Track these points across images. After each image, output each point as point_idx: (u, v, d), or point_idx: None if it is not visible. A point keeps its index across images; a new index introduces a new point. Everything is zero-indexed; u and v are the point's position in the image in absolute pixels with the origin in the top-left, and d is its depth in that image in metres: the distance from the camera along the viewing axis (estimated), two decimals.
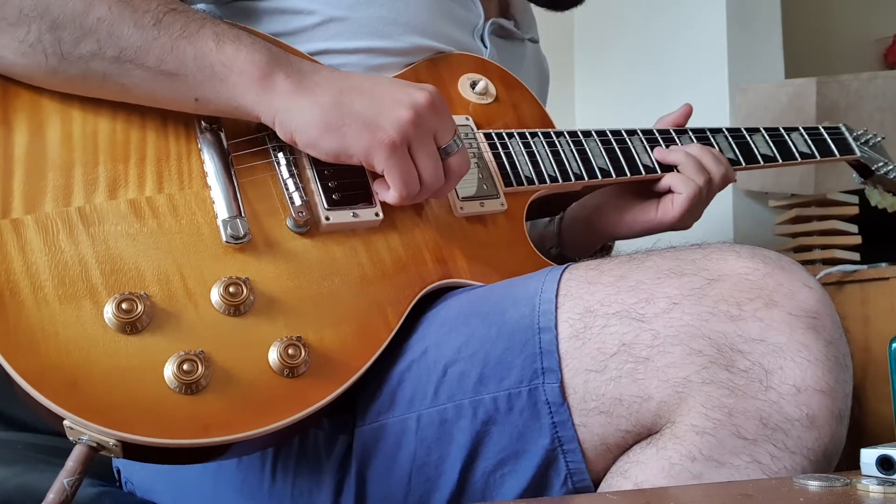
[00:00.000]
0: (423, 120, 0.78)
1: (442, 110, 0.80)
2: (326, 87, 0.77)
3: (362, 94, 0.78)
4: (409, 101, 0.77)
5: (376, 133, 0.76)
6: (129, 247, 0.72)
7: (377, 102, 0.77)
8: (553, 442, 0.71)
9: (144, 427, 0.63)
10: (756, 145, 1.11)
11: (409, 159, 0.78)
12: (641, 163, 1.02)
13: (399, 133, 0.76)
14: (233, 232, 0.74)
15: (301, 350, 0.70)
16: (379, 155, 0.76)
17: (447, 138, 0.80)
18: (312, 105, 0.76)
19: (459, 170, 0.82)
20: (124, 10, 0.74)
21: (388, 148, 0.76)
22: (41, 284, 0.67)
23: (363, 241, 0.81)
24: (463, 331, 0.76)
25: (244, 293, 0.71)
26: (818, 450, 0.65)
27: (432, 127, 0.79)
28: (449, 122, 0.81)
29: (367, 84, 0.79)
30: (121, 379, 0.65)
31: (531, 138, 0.97)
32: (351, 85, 0.79)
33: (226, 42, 0.76)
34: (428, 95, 0.79)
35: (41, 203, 0.71)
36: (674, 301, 0.68)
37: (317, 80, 0.78)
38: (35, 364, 0.64)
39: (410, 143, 0.78)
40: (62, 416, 0.63)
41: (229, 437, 0.65)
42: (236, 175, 0.79)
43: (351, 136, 0.76)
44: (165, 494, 0.91)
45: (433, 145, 0.79)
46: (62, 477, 0.61)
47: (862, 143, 1.24)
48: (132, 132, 0.78)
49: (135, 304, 0.67)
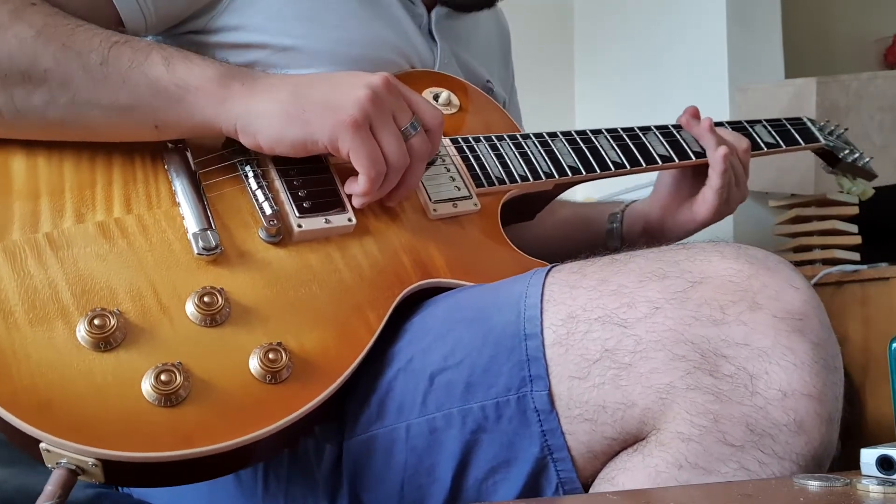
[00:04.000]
0: (381, 99, 0.78)
1: (397, 92, 0.81)
2: (281, 86, 0.79)
3: (318, 84, 0.79)
4: (366, 83, 0.78)
5: (338, 114, 0.77)
6: (99, 267, 0.71)
7: (334, 87, 0.79)
8: (543, 450, 0.71)
9: (123, 442, 0.62)
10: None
11: (372, 139, 0.78)
12: (610, 159, 1.03)
13: (360, 111, 0.77)
14: (204, 244, 0.74)
15: (282, 354, 0.69)
16: (344, 135, 0.77)
17: (406, 119, 0.81)
18: (271, 101, 0.78)
19: (421, 150, 0.82)
20: (69, 56, 0.75)
21: (351, 126, 0.77)
22: (11, 310, 0.67)
23: (338, 247, 0.81)
24: (448, 338, 0.76)
25: (220, 302, 0.71)
26: (808, 455, 0.64)
27: (390, 107, 0.80)
28: (404, 104, 0.81)
29: (321, 76, 0.81)
30: (97, 396, 0.64)
31: (498, 142, 0.99)
32: (305, 80, 0.80)
33: (176, 63, 0.77)
34: (383, 77, 0.80)
35: (8, 231, 0.71)
36: (656, 305, 0.67)
37: (272, 82, 0.79)
38: (8, 388, 0.63)
39: (372, 122, 0.78)
40: (38, 439, 0.61)
41: (213, 447, 0.64)
42: (205, 191, 0.79)
43: (314, 122, 0.77)
44: (162, 498, 0.91)
45: (394, 125, 0.80)
46: (42, 501, 0.60)
47: (827, 134, 1.26)
48: (98, 158, 0.79)
49: (107, 320, 0.67)
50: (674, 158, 1.08)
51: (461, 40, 1.11)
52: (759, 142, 1.16)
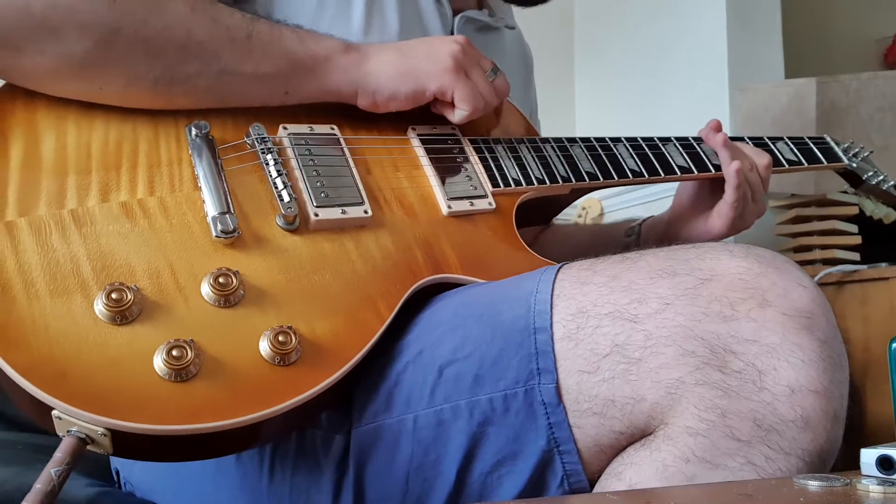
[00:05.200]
0: (467, 51, 0.94)
1: (474, 47, 0.96)
2: (383, 53, 0.92)
3: (414, 47, 0.93)
4: (451, 42, 0.93)
5: (441, 64, 0.91)
6: (120, 245, 0.73)
7: (429, 47, 0.93)
8: (549, 443, 0.71)
9: (133, 414, 0.63)
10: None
11: (469, 80, 0.93)
12: (628, 168, 1.03)
13: (456, 60, 0.92)
14: (223, 227, 0.75)
15: (292, 337, 0.70)
16: (448, 79, 0.91)
17: (488, 65, 0.96)
18: (383, 63, 0.91)
19: (504, 88, 0.97)
20: (220, 30, 0.84)
21: (453, 71, 0.91)
22: (33, 281, 0.68)
23: (353, 238, 0.82)
24: (458, 331, 0.76)
25: (234, 283, 0.72)
26: (813, 451, 0.64)
27: (476, 56, 0.95)
28: (483, 55, 0.96)
29: (414, 41, 0.95)
30: (111, 368, 0.65)
31: (517, 144, 1.00)
32: (404, 45, 0.94)
33: (306, 38, 0.89)
34: (461, 37, 0.95)
35: (35, 207, 0.74)
36: (666, 301, 0.68)
37: (374, 51, 0.92)
38: (26, 357, 0.64)
39: (465, 68, 0.93)
40: (51, 406, 0.63)
41: (220, 423, 0.65)
42: (226, 177, 0.81)
43: (423, 75, 0.91)
44: (165, 494, 0.91)
45: (481, 69, 0.94)
46: (50, 466, 0.61)
47: (851, 155, 1.24)
48: (124, 143, 0.82)
49: (124, 294, 0.68)
50: (693, 170, 1.07)
51: (486, 53, 1.12)
52: (781, 158, 1.15)
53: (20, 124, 0.79)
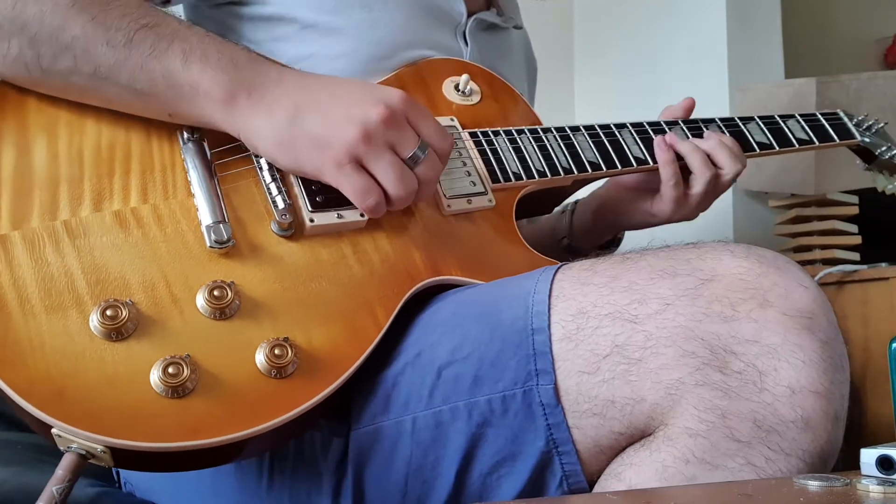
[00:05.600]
0: (374, 136, 0.77)
1: (400, 122, 0.79)
2: (284, 104, 0.78)
3: (317, 111, 0.78)
4: (361, 118, 0.77)
5: (325, 152, 0.77)
6: (114, 257, 0.72)
7: (328, 120, 0.78)
8: (548, 444, 0.71)
9: (131, 432, 0.63)
10: (751, 133, 1.10)
11: (361, 175, 0.78)
12: (632, 155, 1.01)
13: (346, 152, 0.77)
14: (216, 237, 0.75)
15: (288, 350, 0.70)
16: (329, 172, 0.78)
17: (410, 147, 0.79)
18: (267, 123, 0.78)
19: (426, 177, 0.81)
20: (97, 29, 0.77)
21: (335, 167, 0.77)
22: (28, 297, 0.68)
23: (350, 242, 0.81)
24: (457, 332, 0.76)
25: (229, 296, 0.71)
26: (814, 452, 0.64)
27: (387, 140, 0.78)
28: (408, 132, 0.79)
29: (326, 96, 0.79)
30: (108, 386, 0.65)
31: (518, 135, 0.98)
32: (309, 99, 0.79)
33: (192, 62, 0.77)
34: (384, 109, 0.77)
35: (28, 219, 0.73)
36: (667, 302, 0.68)
37: (277, 97, 0.79)
38: (23, 376, 0.64)
39: (361, 159, 0.78)
40: (51, 425, 0.63)
41: (218, 439, 0.65)
42: (219, 182, 0.80)
43: (303, 155, 0.78)
44: (164, 494, 0.91)
45: (391, 157, 0.78)
46: (52, 484, 0.62)
47: (864, 129, 1.22)
48: (116, 148, 0.80)
49: (119, 311, 0.68)
50: None
51: (493, 52, 1.11)
52: (791, 138, 1.12)
53: (11, 132, 0.78)
